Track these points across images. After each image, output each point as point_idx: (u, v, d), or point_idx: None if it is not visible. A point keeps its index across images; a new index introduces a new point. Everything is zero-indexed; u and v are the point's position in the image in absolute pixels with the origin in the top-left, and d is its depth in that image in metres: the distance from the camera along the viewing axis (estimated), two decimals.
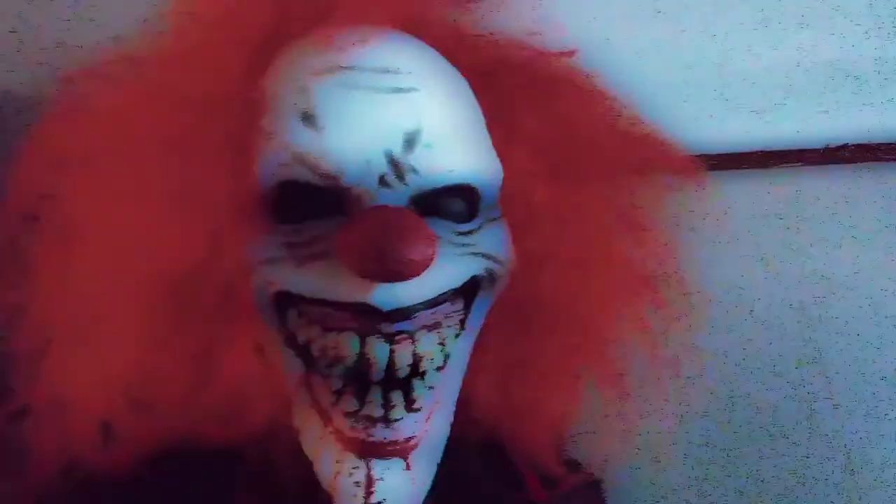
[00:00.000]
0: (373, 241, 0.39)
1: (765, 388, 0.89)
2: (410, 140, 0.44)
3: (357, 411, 0.42)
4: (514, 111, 0.51)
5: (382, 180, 0.43)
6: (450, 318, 0.46)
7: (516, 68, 0.52)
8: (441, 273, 0.43)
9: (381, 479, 0.41)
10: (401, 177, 0.44)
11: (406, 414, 0.43)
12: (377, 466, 0.42)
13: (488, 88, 0.50)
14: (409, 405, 0.43)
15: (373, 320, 0.42)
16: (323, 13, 0.47)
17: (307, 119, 0.43)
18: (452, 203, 0.46)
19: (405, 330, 0.43)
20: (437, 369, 0.45)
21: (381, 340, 0.42)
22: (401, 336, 0.42)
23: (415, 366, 0.43)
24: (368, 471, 0.41)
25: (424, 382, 0.44)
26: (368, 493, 0.41)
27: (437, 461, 0.45)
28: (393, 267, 0.39)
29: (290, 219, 0.44)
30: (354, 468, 0.41)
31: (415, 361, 0.43)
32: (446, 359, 0.46)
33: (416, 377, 0.43)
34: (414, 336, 0.43)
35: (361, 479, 0.41)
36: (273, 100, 0.45)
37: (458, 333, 0.47)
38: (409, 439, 0.42)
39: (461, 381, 0.48)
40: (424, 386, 0.44)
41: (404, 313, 0.42)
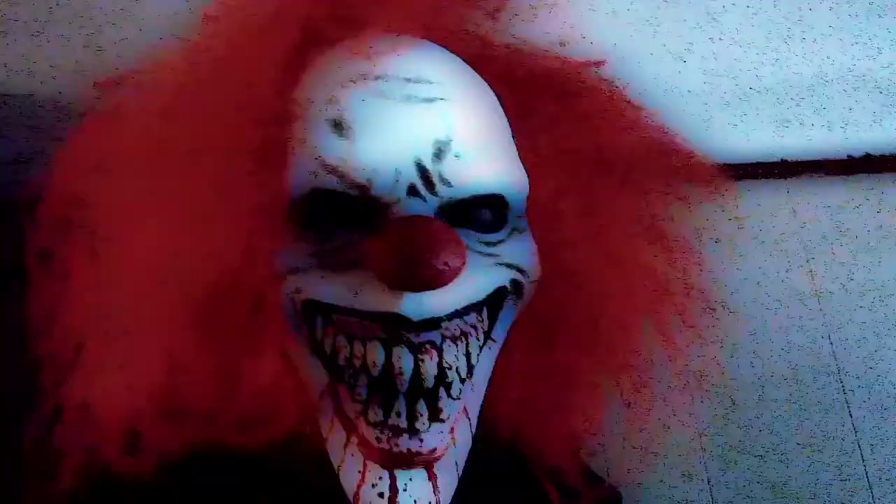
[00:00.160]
0: (403, 251, 0.39)
1: (786, 401, 0.89)
2: (440, 150, 0.44)
3: (382, 421, 0.42)
4: (541, 121, 0.50)
5: (412, 190, 0.43)
6: (475, 329, 0.46)
7: (543, 79, 0.52)
8: (468, 283, 0.43)
9: (405, 490, 0.41)
10: (430, 186, 0.44)
11: (431, 424, 0.42)
12: (401, 477, 0.41)
13: (516, 98, 0.50)
14: (435, 416, 0.42)
15: (400, 330, 0.42)
16: (354, 23, 0.47)
17: (337, 128, 0.43)
18: (480, 213, 0.46)
19: (431, 340, 0.42)
20: (463, 380, 0.45)
21: (408, 350, 0.42)
22: (427, 346, 0.42)
23: (440, 376, 0.42)
24: (392, 481, 0.41)
25: (450, 393, 0.43)
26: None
27: (460, 472, 0.44)
28: (423, 276, 0.39)
29: (319, 228, 0.44)
30: (378, 478, 0.41)
31: (440, 372, 0.42)
32: (471, 369, 0.45)
33: (442, 387, 0.43)
34: (440, 346, 0.43)
35: (385, 490, 0.41)
36: (303, 108, 0.45)
37: (484, 344, 0.47)
38: (434, 450, 0.42)
39: (485, 392, 0.47)
40: (450, 396, 0.43)
41: (432, 323, 0.42)
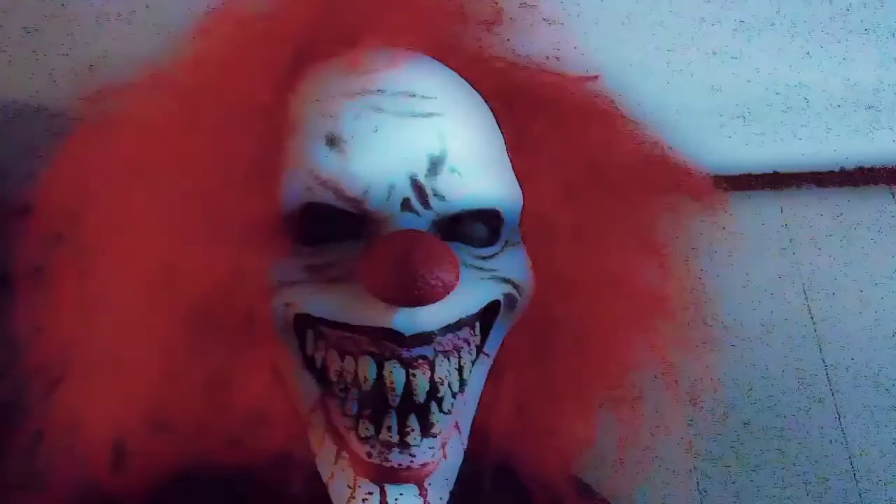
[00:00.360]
0: (397, 266, 0.39)
1: (776, 413, 0.89)
2: (435, 164, 0.44)
3: (373, 436, 0.42)
4: (536, 136, 0.50)
5: (406, 204, 0.43)
6: (468, 344, 0.46)
7: (539, 93, 0.52)
8: (461, 298, 0.43)
9: None
10: (424, 201, 0.43)
11: (422, 439, 0.42)
12: (391, 491, 0.41)
13: (510, 113, 0.50)
14: (426, 430, 0.42)
15: (392, 345, 0.41)
16: (349, 36, 0.47)
17: (332, 142, 0.43)
18: (475, 228, 0.46)
19: (423, 355, 0.42)
20: (455, 394, 0.44)
21: (399, 365, 0.41)
22: (419, 361, 0.42)
23: (432, 391, 0.42)
24: (383, 496, 0.41)
25: (441, 408, 0.43)
26: None
27: (451, 487, 0.44)
28: (417, 292, 0.38)
29: (312, 241, 0.43)
30: (369, 493, 0.41)
31: (432, 386, 0.42)
32: (463, 384, 0.45)
33: (434, 402, 0.43)
34: (432, 361, 0.42)
35: None
36: (298, 122, 0.45)
37: (476, 358, 0.47)
38: (425, 465, 0.42)
39: (477, 407, 0.47)
40: (441, 411, 0.43)
41: (424, 338, 0.42)
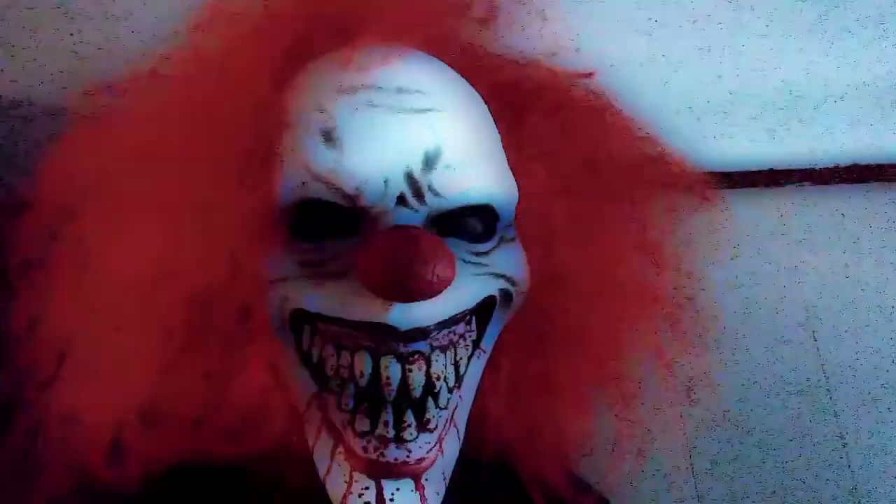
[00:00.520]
0: (393, 262, 0.39)
1: (774, 409, 0.89)
2: (430, 160, 0.44)
3: (369, 431, 0.42)
4: (531, 132, 0.50)
5: (401, 200, 0.43)
6: (464, 339, 0.46)
7: (534, 89, 0.52)
8: (457, 293, 0.43)
9: (392, 500, 0.41)
10: (420, 197, 0.44)
11: (419, 434, 0.42)
12: (388, 486, 0.41)
13: (506, 108, 0.50)
14: (423, 425, 0.42)
15: (388, 340, 0.42)
16: (345, 32, 0.47)
17: (327, 137, 0.43)
18: (470, 223, 0.46)
19: (420, 350, 0.42)
20: (451, 389, 0.45)
21: (395, 360, 0.42)
22: (415, 356, 0.42)
23: (428, 386, 0.42)
24: (379, 491, 0.41)
25: (438, 403, 0.43)
26: None
27: (448, 482, 0.44)
28: (413, 287, 0.39)
29: (308, 237, 0.44)
30: (365, 488, 0.41)
31: (428, 381, 0.42)
32: (460, 379, 0.45)
33: (430, 397, 0.43)
34: (428, 356, 0.43)
35: (372, 500, 0.41)
36: (293, 118, 0.45)
37: (472, 354, 0.47)
38: (421, 460, 0.42)
39: (473, 402, 0.47)
40: (438, 406, 0.43)
41: (420, 333, 0.42)
